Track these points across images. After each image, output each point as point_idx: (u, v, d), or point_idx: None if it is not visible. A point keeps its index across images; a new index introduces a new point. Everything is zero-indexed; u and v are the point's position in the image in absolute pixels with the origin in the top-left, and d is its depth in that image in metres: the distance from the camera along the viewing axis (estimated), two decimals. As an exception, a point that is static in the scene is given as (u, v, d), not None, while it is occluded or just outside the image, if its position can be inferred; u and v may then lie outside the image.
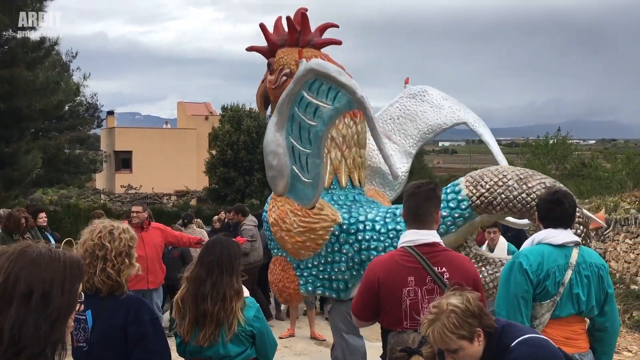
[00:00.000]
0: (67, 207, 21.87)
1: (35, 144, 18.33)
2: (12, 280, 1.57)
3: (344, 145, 4.88)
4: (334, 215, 4.65)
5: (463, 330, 2.38)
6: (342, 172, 4.91)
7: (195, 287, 3.07)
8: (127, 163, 36.63)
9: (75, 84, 23.75)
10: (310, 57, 4.74)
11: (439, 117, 5.28)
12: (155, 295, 7.12)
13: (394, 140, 5.38)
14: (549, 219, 3.30)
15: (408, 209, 3.11)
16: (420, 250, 3.00)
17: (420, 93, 5.44)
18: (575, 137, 37.49)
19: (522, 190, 4.15)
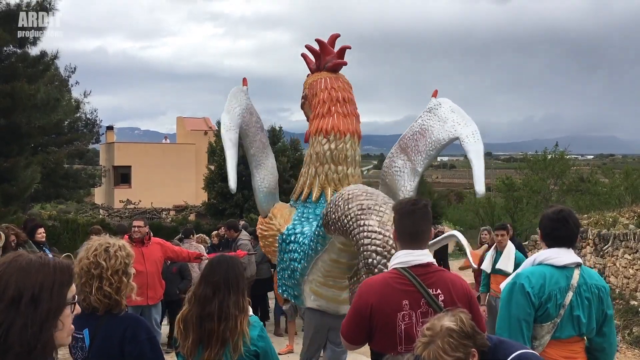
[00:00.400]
0: (66, 222, 21.84)
1: (34, 159, 18.32)
2: (2, 285, 1.64)
3: (317, 162, 5.15)
4: (280, 225, 5.08)
5: (458, 352, 2.35)
6: (315, 187, 5.16)
7: (200, 307, 2.99)
8: (126, 178, 36.63)
9: (75, 100, 23.81)
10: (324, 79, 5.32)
11: (440, 132, 4.98)
12: (154, 312, 7.08)
13: (410, 157, 5.21)
14: (553, 238, 3.25)
15: (404, 228, 2.96)
16: (414, 271, 2.88)
17: (434, 107, 5.18)
18: (573, 152, 37.55)
19: (343, 211, 4.04)
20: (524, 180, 31.28)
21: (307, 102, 5.51)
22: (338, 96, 5.24)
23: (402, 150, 5.29)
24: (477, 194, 4.56)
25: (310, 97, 5.43)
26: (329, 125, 5.12)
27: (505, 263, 7.14)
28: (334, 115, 5.15)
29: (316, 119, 5.22)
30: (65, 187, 24.67)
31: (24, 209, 20.11)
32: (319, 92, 5.30)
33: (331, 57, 5.48)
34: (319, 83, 5.36)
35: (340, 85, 5.34)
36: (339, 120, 5.14)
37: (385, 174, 5.40)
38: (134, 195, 32.39)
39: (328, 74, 5.42)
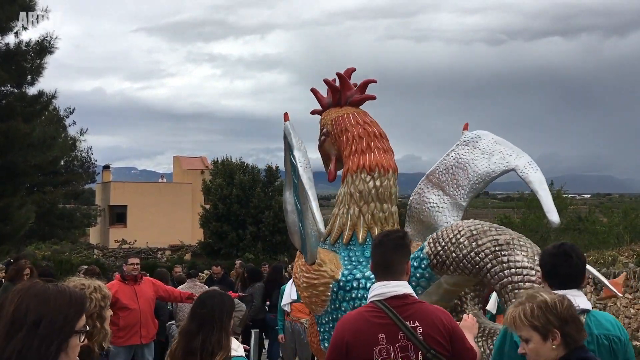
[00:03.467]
0: (60, 263, 21.60)
1: (29, 199, 18.25)
2: (23, 309, 1.73)
3: (361, 201, 4.82)
4: (332, 271, 4.60)
5: (537, 321, 2.37)
6: (360, 228, 4.83)
7: (185, 342, 3.03)
8: (121, 217, 36.45)
9: (72, 138, 23.85)
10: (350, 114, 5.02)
11: (489, 164, 4.78)
12: (146, 352, 6.93)
13: (447, 191, 5.03)
14: (555, 276, 2.85)
15: (375, 259, 2.91)
16: (389, 303, 2.78)
17: (473, 139, 5.00)
18: (570, 191, 37.62)
19: (472, 248, 3.81)
20: (521, 220, 31.24)
21: (331, 138, 5.21)
22: (374, 131, 4.98)
23: (434, 185, 5.12)
24: (553, 224, 4.30)
25: (336, 133, 5.11)
26: (373, 161, 4.83)
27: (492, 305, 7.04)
28: (374, 151, 4.87)
29: (354, 156, 4.90)
30: (60, 227, 24.50)
31: (17, 249, 19.91)
32: (349, 128, 5.00)
33: (352, 92, 5.22)
34: (347, 118, 5.06)
35: (372, 120, 5.11)
36: (381, 156, 4.87)
37: (418, 211, 5.18)
38: (129, 234, 32.17)
39: (352, 109, 5.14)
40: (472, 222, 4.08)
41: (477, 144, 4.94)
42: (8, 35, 15.98)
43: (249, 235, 25.92)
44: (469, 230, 3.91)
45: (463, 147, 5.03)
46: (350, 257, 4.78)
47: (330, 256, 4.77)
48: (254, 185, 26.83)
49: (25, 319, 1.72)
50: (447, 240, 3.96)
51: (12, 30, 15.85)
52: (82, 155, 27.35)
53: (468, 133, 5.14)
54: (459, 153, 5.03)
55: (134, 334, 6.60)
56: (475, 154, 4.90)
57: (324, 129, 5.28)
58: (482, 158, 4.84)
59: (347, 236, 4.83)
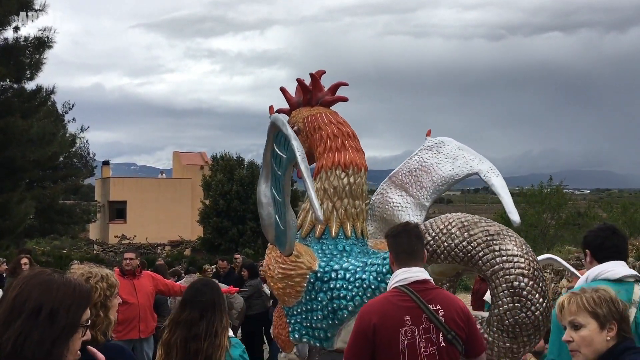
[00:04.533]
0: (59, 258, 21.62)
1: (29, 194, 18.23)
2: (24, 297, 1.69)
3: (335, 197, 4.99)
4: (309, 262, 4.75)
5: (601, 309, 2.40)
6: (333, 223, 5.00)
7: (186, 330, 3.08)
8: (121, 213, 36.42)
9: (71, 135, 23.83)
10: (323, 113, 5.21)
11: (453, 168, 5.18)
12: (145, 346, 6.93)
13: (410, 192, 5.35)
14: (605, 249, 3.14)
15: (400, 246, 3.12)
16: (413, 287, 2.99)
17: (437, 145, 5.39)
18: (570, 186, 37.64)
19: (464, 238, 4.05)
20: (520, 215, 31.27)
21: (302, 136, 5.30)
22: (348, 131, 5.18)
23: (396, 186, 5.42)
24: (514, 223, 4.64)
25: (308, 131, 5.27)
26: (348, 159, 5.01)
27: None
28: (348, 150, 5.06)
29: (329, 153, 5.08)
30: (60, 223, 24.52)
31: (17, 244, 19.92)
32: (323, 126, 5.18)
33: (323, 93, 5.40)
34: (319, 117, 5.24)
35: (344, 120, 5.30)
36: (355, 155, 5.06)
37: (381, 210, 5.45)
38: (129, 230, 32.19)
39: (325, 109, 5.32)
40: (462, 215, 4.32)
41: (440, 149, 5.33)
42: (6, 30, 15.95)
43: (249, 231, 25.95)
44: (460, 222, 4.15)
45: (427, 152, 5.40)
46: (323, 250, 4.94)
47: (305, 248, 4.93)
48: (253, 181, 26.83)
49: (24, 306, 1.68)
50: (438, 231, 4.15)
51: (10, 25, 15.82)
52: (81, 151, 27.36)
53: (431, 139, 5.48)
54: (422, 157, 5.39)
55: (132, 329, 6.60)
56: (440, 158, 5.27)
57: (294, 126, 5.35)
58: (446, 162, 5.23)
59: (319, 230, 5.00)
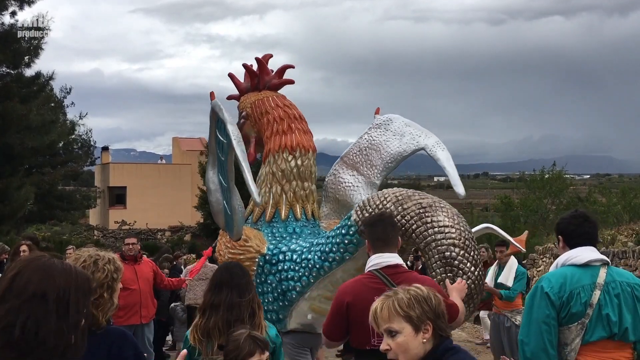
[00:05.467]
0: (59, 244, 21.64)
1: (28, 180, 18.20)
2: (24, 280, 1.62)
3: (283, 180, 5.07)
4: (258, 246, 4.85)
5: (414, 311, 2.21)
6: (282, 205, 5.08)
7: (228, 312, 3.09)
8: (121, 199, 36.42)
9: (70, 122, 23.75)
10: (270, 97, 5.24)
11: (400, 145, 5.19)
12: (146, 331, 6.94)
13: (361, 171, 5.36)
14: (576, 236, 3.22)
15: (375, 234, 3.31)
16: (384, 272, 3.21)
17: (385, 123, 5.38)
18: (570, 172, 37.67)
19: (398, 212, 4.09)
20: (521, 200, 31.29)
21: (250, 121, 5.42)
22: (294, 113, 5.21)
23: (348, 166, 5.45)
24: (459, 196, 4.78)
25: (256, 116, 5.32)
26: (294, 141, 5.07)
27: (506, 276, 7.15)
28: (295, 132, 5.11)
29: (275, 136, 5.13)
30: (60, 209, 24.53)
31: (18, 230, 19.92)
32: (270, 110, 5.22)
33: (270, 77, 5.42)
34: (266, 101, 5.27)
35: (290, 103, 5.32)
36: (302, 137, 5.11)
37: (334, 191, 5.49)
38: (129, 216, 32.20)
39: (271, 93, 5.36)
40: (397, 189, 4.37)
41: (388, 127, 5.32)
42: (4, 15, 15.83)
43: (248, 217, 26.00)
44: (394, 196, 4.19)
45: (375, 130, 5.39)
46: (273, 233, 5.02)
47: (254, 232, 5.01)
48: (251, 167, 26.77)
49: (25, 289, 1.62)
50: (375, 207, 4.20)
51: (7, 10, 15.69)
52: (81, 137, 27.29)
53: (380, 117, 5.46)
54: (371, 135, 5.38)
55: (134, 314, 6.61)
56: (388, 135, 5.27)
57: (243, 112, 5.46)
58: (394, 139, 5.23)
59: (270, 213, 5.09)
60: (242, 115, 5.49)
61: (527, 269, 16.72)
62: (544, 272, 17.38)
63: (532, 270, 17.93)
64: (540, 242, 21.18)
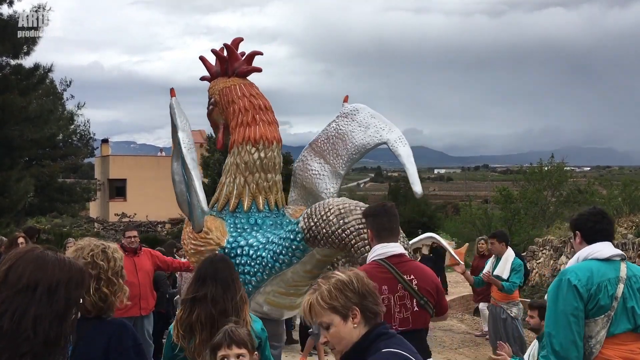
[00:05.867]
0: (60, 236, 21.67)
1: (28, 172, 18.19)
2: (17, 272, 1.66)
3: (246, 171, 5.12)
4: (218, 239, 4.95)
5: (337, 301, 2.21)
6: (245, 197, 5.15)
7: (212, 306, 3.04)
8: (121, 191, 36.44)
9: (69, 112, 23.70)
10: (237, 85, 5.25)
11: (364, 137, 5.18)
12: (146, 322, 6.99)
13: (327, 160, 5.38)
14: (594, 233, 3.32)
15: (381, 225, 3.42)
16: (390, 261, 3.32)
17: (352, 112, 5.35)
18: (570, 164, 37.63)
19: (339, 225, 4.15)
20: (521, 192, 31.28)
21: (219, 108, 5.45)
22: (259, 104, 5.23)
23: (316, 153, 5.47)
24: (416, 194, 4.80)
25: (223, 104, 5.35)
26: (257, 134, 5.11)
27: (502, 269, 7.19)
28: (259, 124, 5.14)
29: (240, 127, 5.17)
30: (60, 201, 24.53)
31: (18, 223, 19.94)
32: (236, 99, 5.23)
33: (239, 63, 5.40)
34: (233, 90, 5.29)
35: (257, 92, 5.33)
36: (265, 129, 5.14)
37: (301, 178, 5.54)
38: (129, 208, 32.18)
39: (240, 80, 5.36)
40: (342, 201, 4.42)
41: (355, 117, 5.30)
42: (2, 5, 15.75)
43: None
44: (338, 209, 4.25)
45: (343, 119, 5.37)
46: (236, 224, 5.11)
47: (217, 223, 5.10)
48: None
49: (19, 282, 1.65)
50: (319, 217, 4.28)
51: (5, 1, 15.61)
52: (80, 129, 27.26)
53: (348, 105, 5.45)
54: (339, 124, 5.38)
55: (133, 306, 6.63)
56: (353, 126, 5.26)
57: (212, 98, 5.50)
58: (359, 130, 5.21)
59: (233, 204, 5.17)
60: (211, 102, 5.52)
61: (527, 261, 16.76)
62: (544, 264, 17.41)
63: (532, 263, 17.94)
64: (540, 234, 21.21)
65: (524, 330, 7.53)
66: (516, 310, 7.21)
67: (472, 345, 9.91)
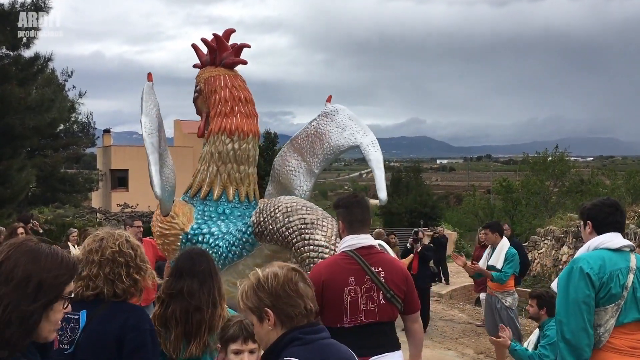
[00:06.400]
0: (62, 226, 21.71)
1: (30, 162, 18.18)
2: (12, 264, 1.69)
3: (219, 161, 5.22)
4: (183, 224, 5.08)
5: (250, 301, 2.16)
6: (216, 186, 5.25)
7: (186, 301, 2.98)
8: (123, 181, 36.46)
9: (70, 101, 23.66)
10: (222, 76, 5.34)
11: (340, 138, 5.27)
12: (147, 313, 7.02)
13: (304, 158, 5.48)
14: (607, 224, 3.34)
15: (354, 216, 3.38)
16: (359, 252, 3.30)
17: (331, 112, 5.44)
18: (573, 154, 37.63)
19: (284, 223, 4.22)
20: (522, 182, 31.26)
21: (202, 97, 5.51)
22: (240, 96, 5.27)
23: (295, 150, 5.58)
24: (380, 201, 4.81)
25: (207, 93, 5.41)
26: (233, 125, 5.16)
27: (496, 258, 7.24)
28: (237, 115, 5.19)
29: (218, 117, 5.23)
30: (62, 191, 24.56)
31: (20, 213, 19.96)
32: (218, 90, 5.29)
33: (227, 53, 5.44)
34: (217, 80, 5.35)
35: (241, 84, 5.38)
36: (242, 121, 5.20)
37: (278, 173, 5.64)
38: (131, 198, 32.24)
39: (225, 71, 5.42)
40: (290, 199, 4.48)
41: (334, 118, 5.38)
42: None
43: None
44: (285, 207, 4.33)
45: (323, 118, 5.47)
46: (204, 211, 5.23)
47: (185, 209, 5.24)
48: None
49: (13, 274, 1.67)
50: (268, 214, 4.37)
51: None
52: (82, 119, 27.25)
53: (329, 105, 5.54)
54: (319, 123, 5.48)
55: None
56: (332, 126, 5.36)
57: (197, 86, 5.58)
58: (336, 131, 5.31)
59: (204, 192, 5.29)
60: (196, 90, 5.59)
61: (528, 251, 16.74)
62: (545, 254, 17.39)
63: (534, 253, 17.93)
64: (542, 225, 21.18)
65: (519, 319, 7.53)
66: (511, 299, 7.22)
67: (473, 335, 9.90)
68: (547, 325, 4.79)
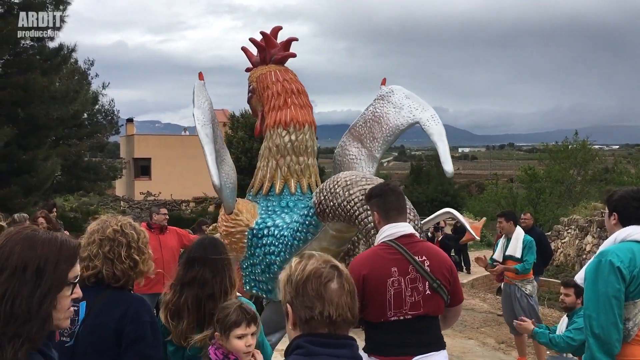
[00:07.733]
0: (87, 214, 22.04)
1: (54, 151, 18.45)
2: (6, 252, 1.66)
3: (278, 154, 5.17)
4: (247, 220, 5.03)
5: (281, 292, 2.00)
6: (277, 180, 5.20)
7: (199, 289, 2.98)
8: (146, 170, 36.82)
9: (93, 92, 23.93)
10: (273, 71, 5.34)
11: (398, 117, 5.16)
12: (169, 300, 7.11)
13: (364, 144, 5.41)
14: (634, 218, 3.22)
15: (389, 204, 3.25)
16: (399, 241, 3.15)
17: (387, 94, 5.35)
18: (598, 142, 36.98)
19: (344, 197, 4.13)
20: (546, 171, 30.89)
21: (256, 95, 5.51)
22: (292, 88, 5.26)
23: (354, 138, 5.50)
24: (447, 173, 4.70)
25: (260, 91, 5.41)
26: (288, 117, 5.14)
27: (514, 248, 7.19)
28: (291, 107, 5.18)
29: (272, 112, 5.22)
30: (87, 180, 24.92)
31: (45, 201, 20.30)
32: (270, 85, 5.30)
33: (276, 49, 5.46)
34: (268, 76, 5.35)
35: (292, 77, 5.38)
36: (297, 112, 5.17)
37: (340, 163, 5.56)
38: (154, 187, 32.58)
39: (276, 67, 5.42)
40: (349, 174, 4.38)
41: (390, 99, 5.29)
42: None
43: (272, 187, 26.09)
44: (344, 181, 4.23)
45: (379, 102, 5.38)
46: (267, 207, 5.18)
47: (248, 206, 5.19)
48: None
49: (8, 262, 1.65)
50: (328, 190, 4.27)
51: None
52: (105, 108, 27.54)
53: (384, 88, 5.44)
54: (375, 107, 5.38)
55: (157, 282, 6.74)
56: (389, 107, 5.26)
57: (250, 86, 5.57)
58: (394, 112, 5.21)
59: (266, 187, 5.24)
60: (250, 90, 5.60)
61: (551, 240, 16.59)
62: (569, 244, 17.22)
63: (557, 242, 17.77)
64: (566, 214, 20.96)
65: (539, 307, 7.48)
66: (531, 287, 7.17)
67: (494, 324, 9.88)
68: (578, 314, 4.72)
